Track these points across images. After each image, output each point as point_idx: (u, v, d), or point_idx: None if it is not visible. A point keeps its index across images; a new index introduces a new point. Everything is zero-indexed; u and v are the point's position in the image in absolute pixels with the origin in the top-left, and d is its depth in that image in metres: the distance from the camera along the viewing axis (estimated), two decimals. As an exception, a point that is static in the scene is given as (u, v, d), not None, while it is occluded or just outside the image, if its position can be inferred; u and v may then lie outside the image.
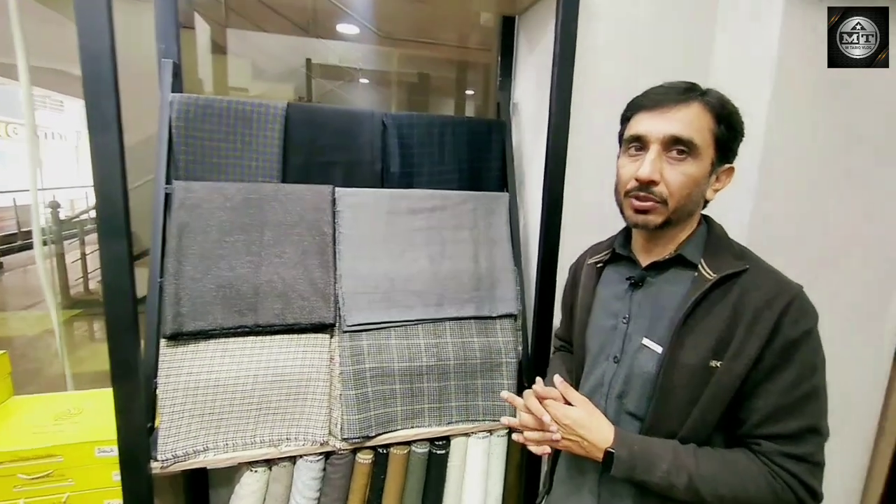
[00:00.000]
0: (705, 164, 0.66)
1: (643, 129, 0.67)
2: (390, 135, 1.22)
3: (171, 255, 1.02)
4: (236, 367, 1.03)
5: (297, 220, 1.11)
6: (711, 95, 0.66)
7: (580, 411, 0.71)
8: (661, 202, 0.66)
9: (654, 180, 0.65)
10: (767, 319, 0.61)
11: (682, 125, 0.64)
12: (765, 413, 0.61)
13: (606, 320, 0.77)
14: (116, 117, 0.81)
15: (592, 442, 0.68)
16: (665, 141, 0.65)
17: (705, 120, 0.65)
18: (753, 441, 0.63)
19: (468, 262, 1.23)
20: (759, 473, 0.61)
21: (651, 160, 0.65)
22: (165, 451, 0.97)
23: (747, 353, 0.61)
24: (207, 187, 1.07)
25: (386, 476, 1.14)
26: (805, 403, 0.61)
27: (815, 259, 1.27)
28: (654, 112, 0.66)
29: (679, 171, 0.65)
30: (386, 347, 1.14)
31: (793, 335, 0.60)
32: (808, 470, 0.60)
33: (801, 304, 0.62)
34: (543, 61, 1.21)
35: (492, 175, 1.33)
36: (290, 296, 1.07)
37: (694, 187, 0.66)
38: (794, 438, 0.61)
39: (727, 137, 0.66)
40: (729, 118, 0.66)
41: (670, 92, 0.66)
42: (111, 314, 0.86)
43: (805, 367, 0.61)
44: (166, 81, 1.08)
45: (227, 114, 1.11)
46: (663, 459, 0.63)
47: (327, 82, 4.42)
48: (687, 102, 0.65)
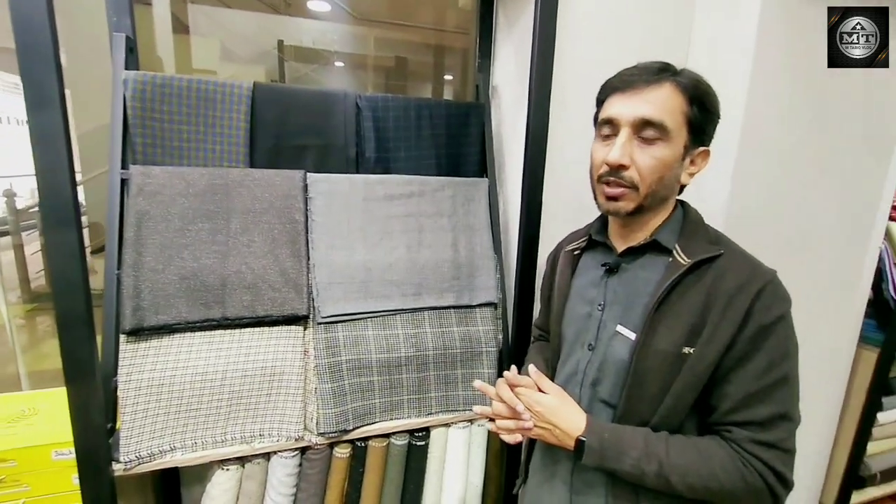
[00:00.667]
0: (677, 147, 0.64)
1: (614, 111, 0.65)
2: (365, 117, 1.16)
3: (129, 245, 0.95)
4: (203, 363, 0.98)
5: (266, 208, 1.05)
6: (685, 76, 0.64)
7: (552, 399, 0.70)
8: (632, 187, 0.65)
9: (624, 164, 0.64)
10: (740, 305, 0.60)
11: (652, 107, 0.62)
12: (735, 399, 0.61)
13: (582, 308, 0.76)
14: (59, 94, 0.74)
15: (564, 430, 0.67)
16: (635, 124, 0.63)
17: (677, 101, 0.63)
18: (724, 428, 0.62)
19: (447, 250, 1.20)
20: (729, 460, 0.60)
21: (621, 144, 0.64)
22: (128, 453, 0.92)
23: (720, 339, 0.60)
24: (168, 172, 1.00)
25: (364, 469, 1.11)
26: (776, 390, 0.60)
27: (787, 243, 1.29)
28: (625, 94, 0.65)
29: (649, 155, 0.63)
30: (363, 338, 1.10)
31: (765, 321, 0.60)
32: (778, 456, 0.60)
33: (774, 289, 0.61)
34: (523, 43, 1.17)
35: (471, 160, 1.29)
36: (261, 287, 1.02)
37: (666, 171, 0.64)
38: (764, 425, 0.60)
39: (701, 119, 0.64)
40: (702, 99, 0.64)
41: (642, 73, 0.64)
42: (62, 310, 0.80)
43: (777, 354, 0.60)
44: (119, 57, 1.00)
45: (189, 94, 1.04)
46: (633, 447, 0.62)
47: (301, 65, 4.26)
48: (658, 83, 0.63)
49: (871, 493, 1.82)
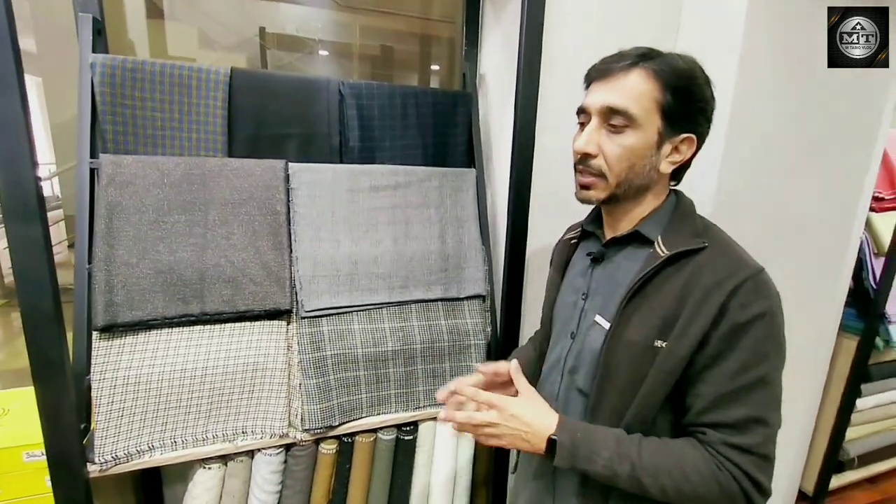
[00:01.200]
0: (648, 134, 0.62)
1: (588, 100, 0.65)
2: (348, 105, 1.13)
3: (100, 238, 0.91)
4: (182, 360, 0.94)
5: (245, 199, 1.02)
6: (662, 61, 0.61)
7: (519, 401, 0.67)
8: (600, 176, 0.64)
9: (590, 153, 0.64)
10: (715, 300, 0.57)
11: (616, 94, 0.61)
12: (708, 399, 0.58)
13: (570, 297, 0.76)
14: (17, 78, 0.69)
15: (535, 431, 0.63)
16: (602, 112, 0.63)
17: (646, 87, 0.60)
18: (698, 429, 0.60)
19: (434, 242, 1.18)
20: (703, 463, 0.58)
21: (588, 132, 0.64)
22: (104, 454, 0.88)
23: (692, 335, 0.58)
24: (141, 162, 0.96)
25: (352, 465, 1.10)
26: (751, 392, 0.57)
27: (771, 233, 1.30)
28: (598, 82, 0.64)
29: (616, 143, 0.62)
30: (349, 333, 1.08)
31: (740, 319, 0.56)
32: (754, 462, 0.57)
33: (754, 286, 0.58)
34: (511, 30, 1.14)
35: (458, 150, 1.26)
36: (241, 281, 0.99)
37: (635, 160, 0.63)
38: (737, 427, 0.57)
39: (675, 106, 0.61)
40: (679, 84, 0.61)
41: (617, 60, 0.63)
42: (27, 306, 0.76)
43: (753, 354, 0.57)
44: (86, 39, 0.95)
45: (162, 79, 0.99)
46: (605, 447, 0.60)
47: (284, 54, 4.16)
48: (627, 70, 0.61)
49: (849, 477, 1.87)
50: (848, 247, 1.47)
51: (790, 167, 1.26)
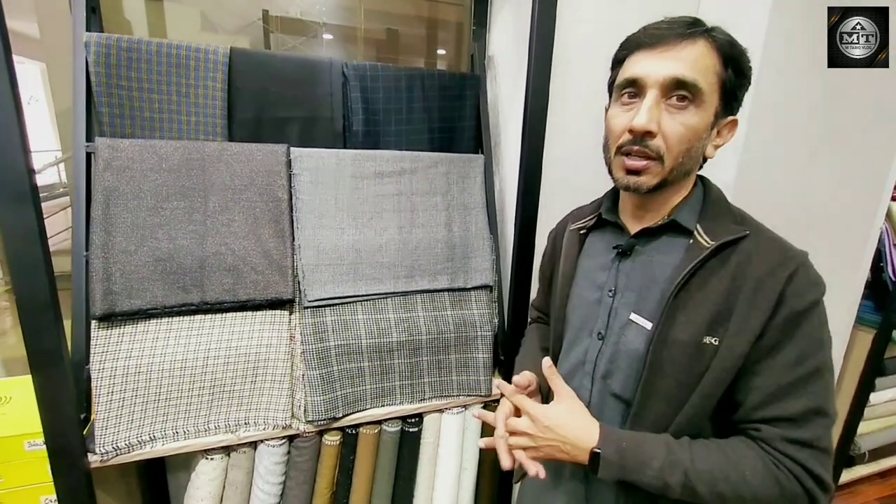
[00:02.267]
0: (708, 114, 0.57)
1: (640, 70, 0.57)
2: (352, 87, 1.09)
3: (97, 224, 0.88)
4: (183, 350, 0.92)
5: (246, 184, 0.99)
6: (720, 32, 0.56)
7: (561, 409, 0.62)
8: (657, 159, 0.57)
9: (651, 131, 0.56)
10: (770, 290, 0.54)
11: (686, 65, 0.54)
12: (766, 392, 0.55)
13: (590, 293, 0.69)
14: (5, 60, 0.66)
15: (575, 443, 0.59)
16: (666, 84, 0.55)
17: (711, 61, 0.55)
18: (752, 426, 0.56)
19: (441, 230, 1.15)
20: (760, 463, 0.54)
21: (648, 107, 0.56)
22: (105, 444, 0.87)
23: (750, 329, 0.54)
24: (138, 146, 0.93)
25: (356, 457, 1.08)
26: (809, 382, 0.54)
27: (790, 223, 1.25)
28: (653, 50, 0.56)
29: (679, 122, 0.56)
30: (352, 323, 1.05)
31: (798, 307, 0.53)
32: (815, 456, 0.53)
33: (806, 272, 0.55)
34: (522, 7, 1.09)
35: (465, 135, 1.22)
36: (242, 269, 0.96)
37: (695, 141, 0.57)
38: (797, 421, 0.54)
39: (735, 84, 0.57)
40: (738, 60, 0.57)
41: (673, 27, 0.56)
42: (22, 295, 0.74)
43: (810, 343, 0.54)
44: (80, 17, 0.91)
45: (159, 59, 0.95)
46: (655, 456, 0.55)
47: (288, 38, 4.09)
48: (692, 39, 0.55)
49: (859, 472, 1.85)
50: (868, 237, 1.42)
51: (811, 155, 1.21)
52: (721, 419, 0.59)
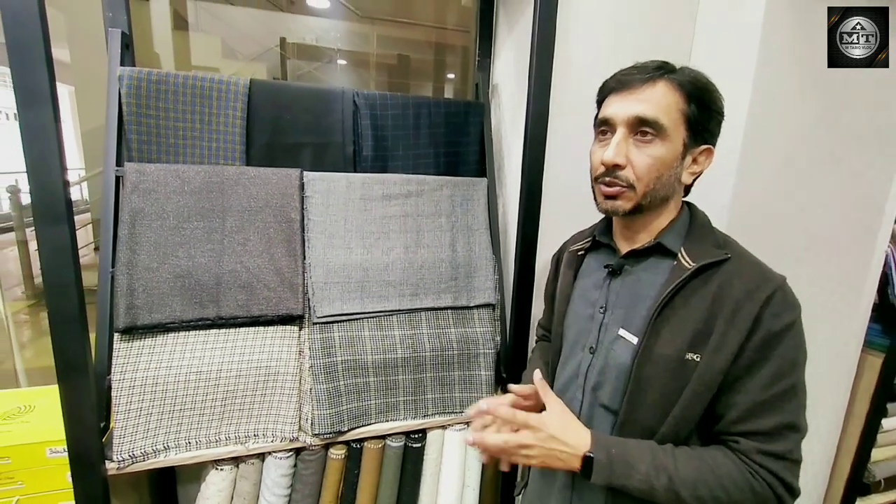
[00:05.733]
0: (675, 145, 0.63)
1: (610, 111, 0.65)
2: (363, 115, 1.15)
3: (123, 243, 0.95)
4: (198, 362, 0.97)
5: (262, 206, 1.05)
6: (682, 73, 0.63)
7: (554, 418, 0.66)
8: (628, 186, 0.64)
9: (619, 164, 0.63)
10: (748, 311, 0.58)
11: (646, 105, 0.61)
12: (743, 409, 0.59)
13: (584, 309, 0.75)
14: (50, 89, 0.73)
15: (569, 449, 0.63)
16: (630, 122, 0.63)
17: (673, 98, 0.62)
18: (731, 438, 0.61)
19: (445, 251, 1.19)
20: (737, 471, 0.59)
21: (616, 143, 0.63)
22: (122, 452, 0.91)
23: (728, 347, 0.58)
24: (163, 170, 1.00)
25: (360, 471, 1.11)
26: (784, 400, 0.59)
27: (791, 245, 1.27)
28: (620, 94, 0.64)
29: (646, 154, 0.62)
30: (359, 339, 1.09)
31: (774, 328, 0.58)
32: (787, 467, 0.59)
33: (783, 296, 0.59)
34: (523, 40, 1.15)
35: (470, 160, 1.28)
36: (255, 286, 1.01)
37: (664, 170, 0.63)
38: (772, 435, 0.59)
39: (700, 117, 0.63)
40: (701, 97, 0.62)
41: (638, 72, 0.63)
42: (54, 308, 0.79)
43: (785, 363, 0.58)
44: (115, 53, 0.99)
45: (185, 90, 1.03)
46: (641, 461, 0.60)
47: (304, 63, 4.26)
48: (653, 81, 0.62)
49: (874, 501, 1.80)
50: (872, 259, 1.42)
51: (809, 178, 1.23)
52: (705, 429, 0.63)
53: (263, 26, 3.11)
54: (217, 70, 2.52)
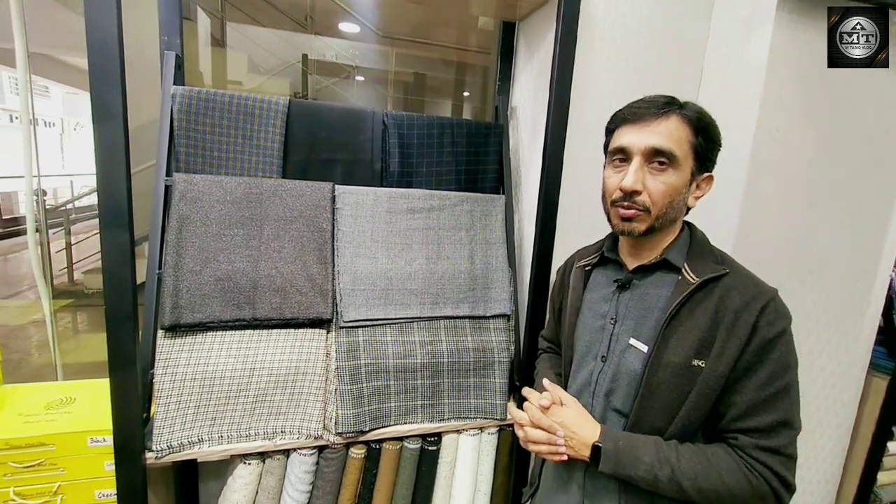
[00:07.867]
0: (685, 173, 0.70)
1: (626, 141, 0.71)
2: (391, 134, 1.23)
3: (170, 246, 1.02)
4: (233, 360, 1.04)
5: (296, 216, 1.12)
6: (689, 109, 0.70)
7: (571, 411, 0.75)
8: (644, 210, 0.70)
9: (637, 190, 0.69)
10: (746, 320, 0.65)
11: (661, 137, 0.68)
12: (741, 408, 0.65)
13: (594, 321, 0.81)
14: (122, 109, 0.82)
15: (581, 440, 0.71)
16: (647, 152, 0.69)
17: (684, 132, 0.69)
18: (730, 435, 0.67)
19: (464, 263, 1.26)
20: (735, 466, 0.65)
21: (634, 171, 0.69)
22: (160, 442, 0.97)
23: (729, 353, 0.65)
24: (208, 181, 1.08)
25: (378, 471, 1.16)
26: (778, 399, 0.65)
27: (795, 267, 1.32)
28: (635, 125, 0.70)
29: (660, 181, 0.69)
30: (382, 344, 1.16)
31: (769, 335, 0.65)
32: (781, 462, 0.64)
33: (776, 306, 0.66)
34: (542, 67, 1.23)
35: (489, 177, 1.35)
36: (288, 290, 1.08)
37: (675, 196, 0.70)
38: (767, 432, 0.65)
39: (705, 148, 0.70)
40: (706, 130, 0.70)
41: (651, 106, 0.70)
42: (111, 304, 0.86)
43: (779, 365, 0.65)
44: (169, 73, 1.08)
45: (230, 108, 1.12)
46: (647, 453, 0.66)
47: (323, 78, 4.41)
48: (667, 115, 0.69)
49: (880, 523, 1.80)
50: (876, 282, 1.46)
51: (813, 203, 1.28)
52: (709, 428, 0.69)
53: (287, 44, 3.24)
54: (241, 83, 2.64)
